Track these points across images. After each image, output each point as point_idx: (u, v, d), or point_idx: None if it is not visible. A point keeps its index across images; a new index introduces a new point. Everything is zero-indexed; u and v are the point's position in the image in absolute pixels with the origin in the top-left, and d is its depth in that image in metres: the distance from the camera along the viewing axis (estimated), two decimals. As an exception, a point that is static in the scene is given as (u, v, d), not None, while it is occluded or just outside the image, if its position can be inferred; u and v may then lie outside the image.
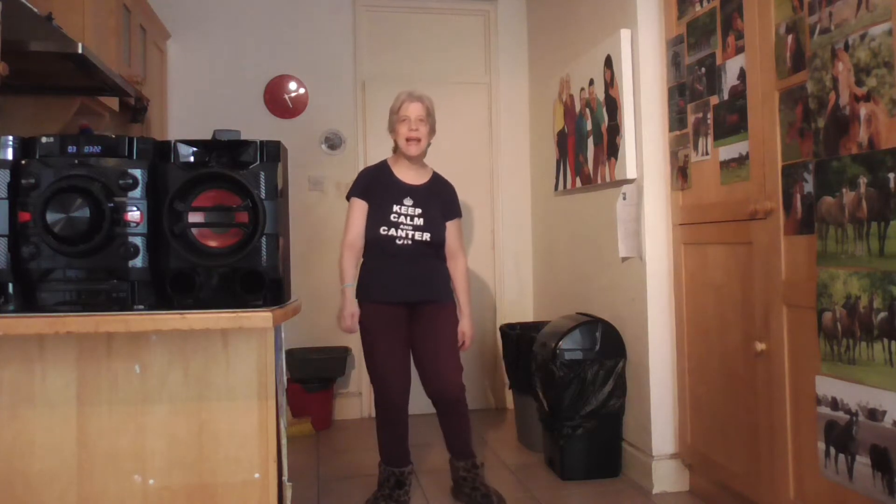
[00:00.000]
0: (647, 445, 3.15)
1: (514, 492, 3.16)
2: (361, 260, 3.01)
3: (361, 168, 4.54)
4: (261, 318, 1.61)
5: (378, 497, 2.94)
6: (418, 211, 2.94)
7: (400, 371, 2.92)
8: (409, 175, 3.01)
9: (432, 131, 3.04)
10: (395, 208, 2.91)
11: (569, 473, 3.28)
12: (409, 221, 2.92)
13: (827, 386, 2.16)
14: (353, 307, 2.92)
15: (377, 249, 2.92)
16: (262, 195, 1.69)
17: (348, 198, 3.01)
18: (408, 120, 2.94)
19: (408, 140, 2.94)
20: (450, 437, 3.00)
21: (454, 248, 3.06)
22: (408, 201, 2.94)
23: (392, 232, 2.88)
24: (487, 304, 4.72)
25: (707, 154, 2.85)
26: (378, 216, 2.91)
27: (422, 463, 3.48)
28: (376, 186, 2.97)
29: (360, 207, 2.95)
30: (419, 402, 3.11)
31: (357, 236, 2.94)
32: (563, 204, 4.15)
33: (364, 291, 2.96)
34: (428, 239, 2.93)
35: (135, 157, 1.68)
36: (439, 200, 3.03)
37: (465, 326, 3.03)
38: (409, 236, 2.90)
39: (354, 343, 4.51)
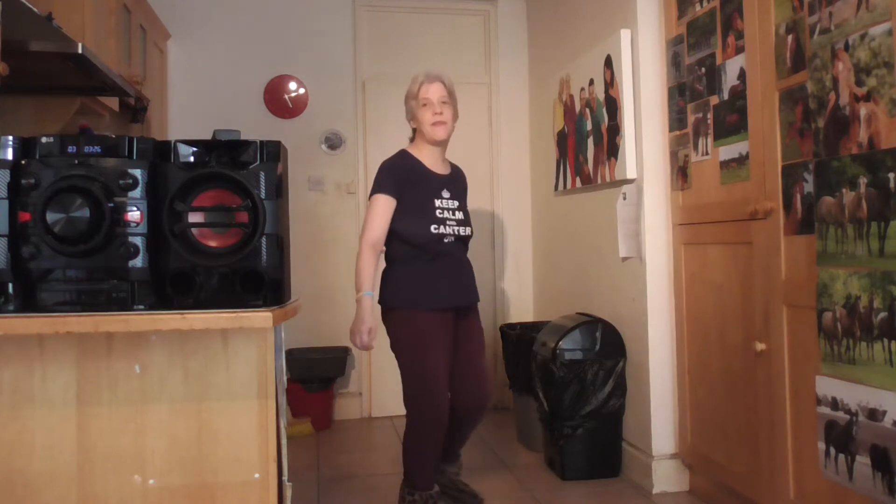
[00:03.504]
0: (647, 445, 3.15)
1: (514, 492, 3.16)
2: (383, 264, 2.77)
3: (361, 168, 4.59)
4: (261, 318, 1.61)
5: None
6: (456, 203, 2.70)
7: (447, 386, 2.64)
8: (438, 164, 2.75)
9: (456, 115, 2.78)
10: (438, 203, 2.65)
11: (569, 473, 3.28)
12: (452, 216, 2.67)
13: (827, 386, 2.16)
14: (372, 321, 2.58)
15: (419, 250, 2.63)
16: (262, 195, 1.69)
17: (373, 194, 2.68)
18: (430, 104, 2.68)
19: (434, 124, 2.67)
20: (457, 445, 2.81)
21: None
22: (445, 194, 2.69)
23: (442, 230, 2.63)
24: (487, 304, 4.72)
25: (707, 154, 2.85)
26: (421, 214, 2.63)
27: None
28: (410, 180, 2.67)
29: (389, 205, 2.63)
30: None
31: (381, 236, 2.63)
32: (563, 204, 4.15)
33: (408, 298, 2.63)
34: (469, 233, 2.75)
35: (135, 157, 1.68)
36: (464, 191, 2.85)
37: None
38: (454, 232, 2.67)
39: (354, 343, 4.53)
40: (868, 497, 2.01)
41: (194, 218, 1.68)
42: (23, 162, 1.64)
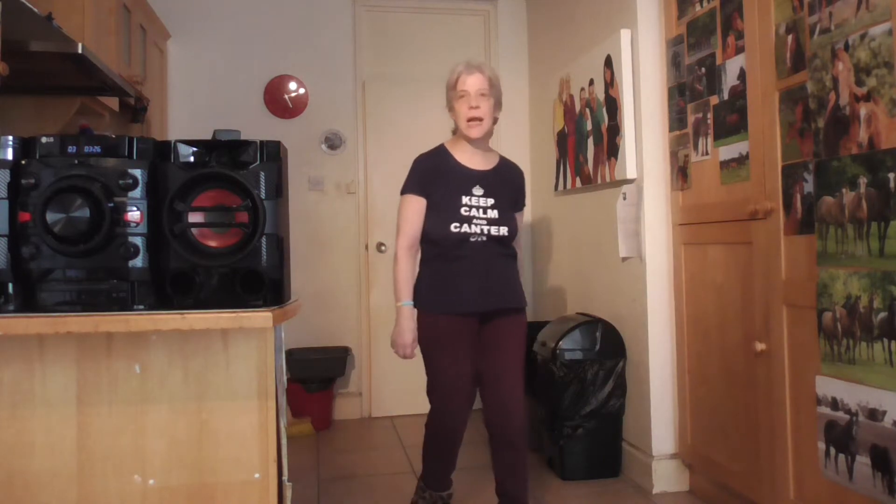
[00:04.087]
0: (647, 445, 3.15)
1: (514, 492, 3.16)
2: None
3: (361, 168, 4.59)
4: (261, 318, 1.61)
5: None
6: (490, 201, 2.52)
7: (467, 392, 2.53)
8: (475, 160, 2.58)
9: (498, 106, 2.58)
10: (465, 200, 2.49)
11: (569, 473, 3.28)
12: (482, 214, 2.49)
13: (827, 386, 2.16)
14: (415, 332, 2.51)
15: (443, 250, 2.50)
16: (262, 195, 1.69)
17: (402, 193, 2.57)
18: (467, 95, 2.49)
19: (469, 120, 2.50)
20: (506, 479, 2.57)
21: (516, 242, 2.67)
22: (477, 191, 2.51)
23: (465, 228, 2.46)
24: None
25: (707, 154, 2.85)
26: (445, 211, 2.48)
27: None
28: (437, 177, 2.53)
29: (418, 205, 2.52)
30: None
31: (416, 239, 2.53)
32: (563, 204, 4.15)
33: (428, 301, 2.52)
34: (505, 234, 2.52)
35: (135, 157, 1.68)
36: (509, 188, 2.63)
37: None
38: (484, 232, 2.48)
39: (354, 343, 4.53)
40: (868, 497, 2.01)
41: (194, 218, 1.68)
42: (23, 162, 1.64)
